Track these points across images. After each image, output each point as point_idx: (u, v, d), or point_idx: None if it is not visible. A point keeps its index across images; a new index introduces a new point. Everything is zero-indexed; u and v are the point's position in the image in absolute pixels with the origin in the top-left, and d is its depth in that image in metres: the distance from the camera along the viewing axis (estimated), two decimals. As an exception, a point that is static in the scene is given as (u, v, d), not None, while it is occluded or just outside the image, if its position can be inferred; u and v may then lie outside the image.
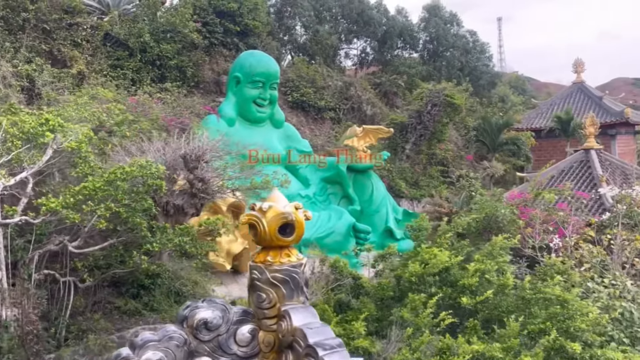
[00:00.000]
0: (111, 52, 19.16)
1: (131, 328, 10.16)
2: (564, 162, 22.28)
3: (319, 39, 29.03)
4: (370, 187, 19.35)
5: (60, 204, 9.13)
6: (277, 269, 3.01)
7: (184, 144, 11.06)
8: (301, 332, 2.83)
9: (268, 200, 3.12)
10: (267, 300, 3.00)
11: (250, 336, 2.99)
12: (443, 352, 7.43)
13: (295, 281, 3.02)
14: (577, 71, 33.86)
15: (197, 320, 2.91)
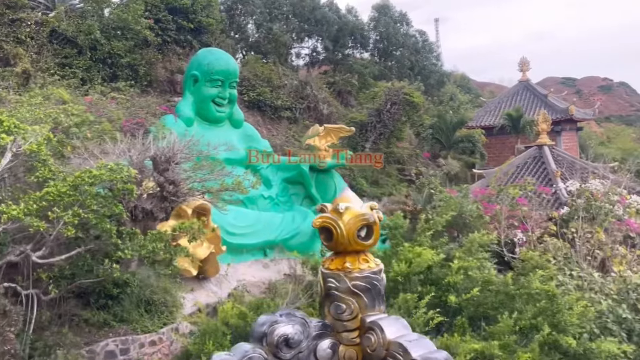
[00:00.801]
0: (58, 49, 18.16)
1: (101, 341, 9.57)
2: (519, 159, 22.79)
3: (272, 37, 28.60)
4: (333, 186, 19.13)
5: (22, 211, 8.45)
6: (358, 276, 2.71)
7: (153, 146, 10.49)
8: (399, 345, 2.54)
9: (340, 201, 2.82)
10: (347, 311, 2.69)
11: (331, 352, 2.68)
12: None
13: (377, 289, 2.74)
14: (522, 70, 34.86)
15: (277, 337, 2.56)
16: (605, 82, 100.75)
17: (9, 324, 7.61)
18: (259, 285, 15.63)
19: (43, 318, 9.10)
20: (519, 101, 33.58)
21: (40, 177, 9.61)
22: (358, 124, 21.45)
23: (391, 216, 17.84)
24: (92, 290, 10.16)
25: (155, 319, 10.42)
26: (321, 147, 18.99)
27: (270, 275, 16.05)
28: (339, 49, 33.55)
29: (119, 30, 18.77)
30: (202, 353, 8.32)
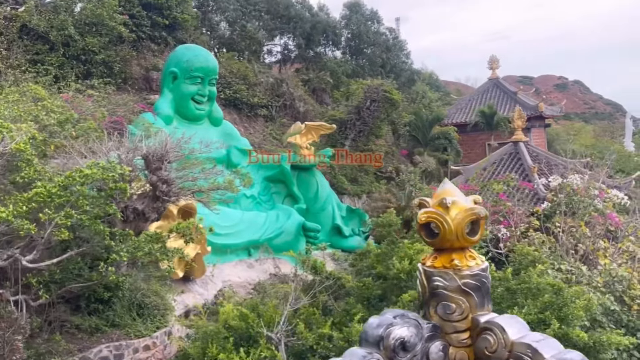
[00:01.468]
0: (29, 45, 17.48)
1: (94, 347, 9.23)
2: (495, 155, 23.08)
3: (245, 34, 28.24)
4: (315, 184, 19.01)
5: (11, 213, 8.04)
6: (469, 274, 2.57)
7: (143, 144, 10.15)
8: (527, 346, 2.39)
9: (442, 194, 2.67)
10: (457, 311, 2.55)
11: (442, 354, 2.53)
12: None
13: (485, 287, 2.59)
14: (492, 68, 35.36)
15: (393, 340, 2.39)
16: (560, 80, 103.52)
17: (17, 332, 7.21)
18: (244, 285, 15.38)
19: (34, 325, 8.68)
20: (489, 98, 34.04)
21: (25, 178, 9.18)
22: (337, 122, 21.37)
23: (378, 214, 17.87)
24: (82, 295, 9.78)
25: (148, 323, 10.10)
26: (303, 145, 18.85)
27: (256, 275, 15.82)
28: (311, 46, 33.37)
29: (93, 26, 18.20)
30: (206, 356, 8.06)
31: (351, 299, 9.25)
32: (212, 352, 8.11)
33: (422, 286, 2.74)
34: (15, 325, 7.30)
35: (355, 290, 9.38)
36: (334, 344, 8.11)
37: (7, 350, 7.07)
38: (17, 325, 7.34)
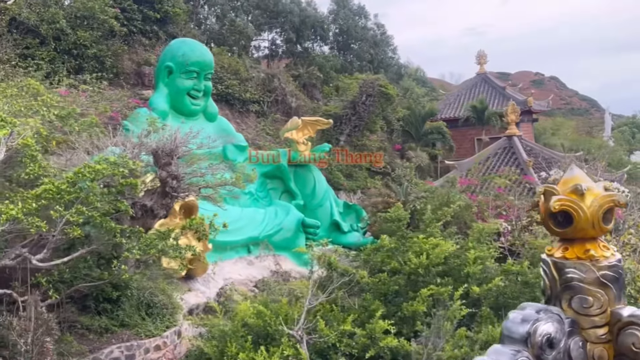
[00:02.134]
0: (18, 39, 17.00)
1: (105, 348, 8.96)
2: (489, 150, 23.14)
3: (234, 28, 27.92)
4: (312, 180, 18.82)
5: (20, 210, 7.75)
6: (607, 265, 2.43)
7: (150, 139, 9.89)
8: None
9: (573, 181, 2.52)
10: (596, 304, 2.40)
11: (582, 351, 2.38)
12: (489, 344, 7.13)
13: (622, 279, 2.47)
14: (480, 63, 35.49)
15: (540, 337, 2.24)
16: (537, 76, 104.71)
17: (46, 333, 6.93)
18: (246, 283, 15.16)
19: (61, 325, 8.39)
20: (478, 93, 34.17)
21: (30, 174, 8.88)
22: (332, 117, 21.18)
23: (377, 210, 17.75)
24: (90, 295, 9.50)
25: (157, 322, 9.86)
26: (299, 140, 18.64)
27: (257, 273, 15.62)
28: (300, 41, 33.18)
29: (84, 20, 17.78)
30: (226, 356, 7.86)
31: (367, 295, 9.12)
32: (232, 350, 7.91)
33: (552, 279, 2.61)
34: (45, 326, 7.02)
35: (372, 286, 9.24)
36: (356, 341, 7.97)
37: (35, 352, 6.80)
38: (47, 327, 7.06)
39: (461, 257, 9.63)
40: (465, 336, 7.41)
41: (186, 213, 12.81)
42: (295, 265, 16.41)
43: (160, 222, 11.33)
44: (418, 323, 8.02)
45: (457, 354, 6.96)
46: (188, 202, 12.64)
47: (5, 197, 8.47)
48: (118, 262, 9.01)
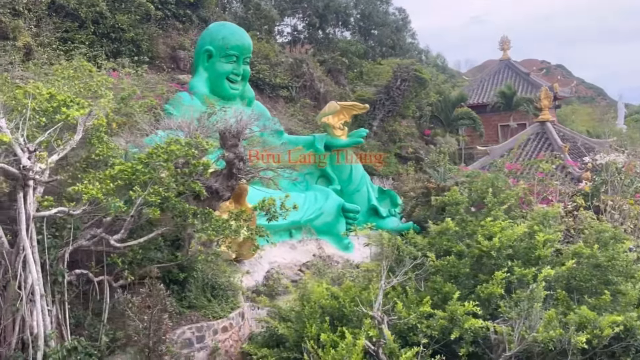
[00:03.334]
0: (58, 23, 16.93)
1: (177, 329, 8.95)
2: (520, 135, 22.99)
3: (260, 13, 27.72)
4: (349, 165, 18.75)
5: (99, 191, 7.73)
6: None
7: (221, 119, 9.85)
8: None
9: None
10: None
11: None
12: (584, 326, 7.11)
13: None
14: (503, 48, 35.20)
15: None
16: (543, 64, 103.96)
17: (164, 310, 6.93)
18: (290, 267, 15.17)
19: (122, 307, 8.41)
20: (502, 79, 33.93)
21: (100, 155, 8.87)
22: (365, 102, 21.05)
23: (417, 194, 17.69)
24: (157, 276, 9.49)
25: (223, 304, 9.88)
26: (336, 125, 18.55)
27: (300, 257, 15.62)
28: (323, 26, 32.93)
29: (122, 3, 17.66)
30: (306, 337, 7.86)
31: (438, 277, 9.08)
32: (311, 332, 7.91)
33: None
34: (162, 303, 7.03)
35: (441, 268, 9.21)
36: (436, 323, 7.95)
37: (152, 328, 6.81)
38: (163, 304, 7.06)
39: (526, 240, 9.58)
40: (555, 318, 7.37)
41: (235, 197, 12.82)
42: (337, 250, 16.42)
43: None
44: (501, 305, 7.97)
45: (552, 335, 6.93)
46: (240, 186, 12.64)
47: (77, 179, 8.45)
48: (188, 244, 9.00)
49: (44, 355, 7.22)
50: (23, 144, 7.28)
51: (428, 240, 10.09)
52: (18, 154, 7.33)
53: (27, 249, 7.16)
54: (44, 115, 8.08)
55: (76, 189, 7.57)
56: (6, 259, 7.56)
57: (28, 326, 7.51)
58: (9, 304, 7.50)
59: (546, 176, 16.25)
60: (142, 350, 7.25)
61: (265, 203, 9.37)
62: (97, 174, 8.39)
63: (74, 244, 8.12)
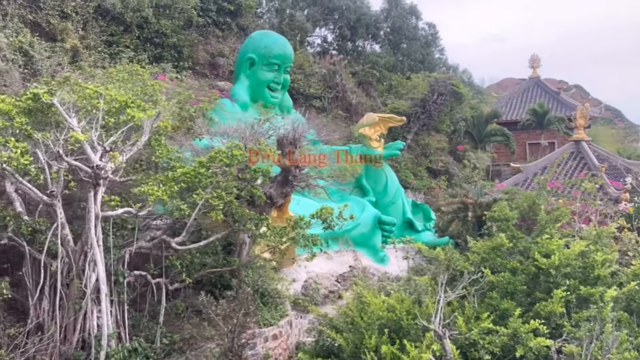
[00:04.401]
0: (104, 26, 17.14)
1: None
2: (555, 153, 22.76)
3: (294, 23, 27.88)
4: (384, 177, 18.67)
5: (164, 192, 7.75)
6: None
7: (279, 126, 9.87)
8: None
9: None
10: None
11: None
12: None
13: None
14: (533, 67, 35.03)
15: None
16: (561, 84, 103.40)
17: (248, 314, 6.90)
18: (327, 277, 15.07)
19: (179, 309, 8.40)
20: (531, 97, 33.74)
21: (160, 158, 8.90)
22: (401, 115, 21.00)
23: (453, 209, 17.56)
24: (209, 281, 9.48)
25: (272, 311, 9.83)
26: (372, 137, 18.51)
27: (337, 267, 15.54)
28: (354, 38, 33.04)
29: (167, 9, 17.85)
30: (365, 348, 7.77)
31: (494, 293, 8.96)
32: (370, 344, 7.83)
33: None
34: (247, 308, 7.01)
35: (497, 284, 9.09)
36: (497, 340, 7.83)
37: (237, 332, 6.78)
38: (247, 309, 7.04)
39: (581, 259, 9.43)
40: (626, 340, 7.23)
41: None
42: (372, 262, 16.30)
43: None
44: (565, 324, 7.84)
45: (627, 357, 6.79)
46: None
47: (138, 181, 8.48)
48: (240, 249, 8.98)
49: (106, 355, 7.21)
50: (96, 143, 7.32)
51: (481, 256, 9.96)
52: (88, 153, 7.38)
53: (95, 248, 7.18)
54: (111, 116, 8.13)
55: (143, 190, 7.59)
56: (71, 257, 7.59)
57: (89, 325, 7.52)
58: (72, 302, 7.51)
59: (587, 196, 16.05)
60: (224, 353, 7.20)
61: (323, 212, 9.32)
62: (158, 176, 8.42)
63: (132, 245, 8.13)
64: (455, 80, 22.92)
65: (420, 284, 9.54)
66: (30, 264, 7.71)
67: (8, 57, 13.43)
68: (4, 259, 8.34)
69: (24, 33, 14.54)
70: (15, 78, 12.91)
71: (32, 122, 7.71)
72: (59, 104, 7.61)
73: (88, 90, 7.94)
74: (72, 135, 7.15)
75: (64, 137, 7.35)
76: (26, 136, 7.35)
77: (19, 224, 7.53)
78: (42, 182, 7.39)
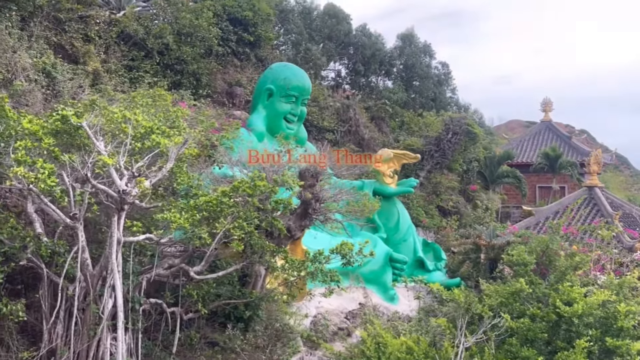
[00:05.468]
0: (125, 51, 17.32)
1: (242, 369, 8.72)
2: (567, 198, 22.69)
3: (309, 57, 28.19)
4: (396, 214, 18.54)
5: (187, 221, 7.66)
6: None
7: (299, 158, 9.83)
8: None
9: None
10: None
11: None
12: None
13: None
14: (545, 110, 35.19)
15: None
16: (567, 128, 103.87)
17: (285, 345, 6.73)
18: (337, 313, 14.80)
19: (193, 340, 8.22)
20: (542, 141, 33.82)
21: (181, 186, 8.85)
22: (414, 152, 21.02)
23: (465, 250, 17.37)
24: (221, 312, 9.32)
25: (285, 347, 9.63)
26: (386, 173, 18.48)
27: (346, 304, 15.29)
28: (368, 74, 33.37)
29: (189, 37, 18.06)
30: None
31: (514, 340, 8.77)
32: (389, 386, 7.62)
33: None
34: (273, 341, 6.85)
35: (518, 331, 8.90)
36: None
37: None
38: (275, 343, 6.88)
39: (601, 309, 9.24)
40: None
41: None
42: (382, 300, 16.05)
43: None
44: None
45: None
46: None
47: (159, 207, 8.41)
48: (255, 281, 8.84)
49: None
50: (123, 168, 7.28)
51: (500, 301, 9.77)
52: (114, 177, 7.33)
53: (115, 273, 7.07)
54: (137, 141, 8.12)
55: (165, 216, 7.51)
56: (89, 282, 7.47)
57: (102, 352, 7.36)
58: (86, 328, 7.37)
59: (602, 243, 15.89)
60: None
61: (343, 247, 9.20)
62: (179, 202, 8.35)
63: (151, 272, 8.02)
64: (469, 120, 23.00)
65: (435, 326, 9.34)
66: (47, 286, 7.60)
67: (31, 78, 13.52)
68: (19, 280, 8.22)
69: (47, 54, 14.68)
70: (38, 98, 12.98)
71: (58, 144, 7.68)
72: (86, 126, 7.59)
73: (116, 115, 7.94)
74: (100, 159, 7.12)
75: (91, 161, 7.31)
76: (53, 158, 7.31)
77: (39, 245, 7.44)
78: (65, 204, 7.32)
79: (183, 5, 18.58)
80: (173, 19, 17.86)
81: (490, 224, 17.92)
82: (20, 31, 14.21)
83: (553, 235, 14.49)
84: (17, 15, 14.58)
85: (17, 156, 6.98)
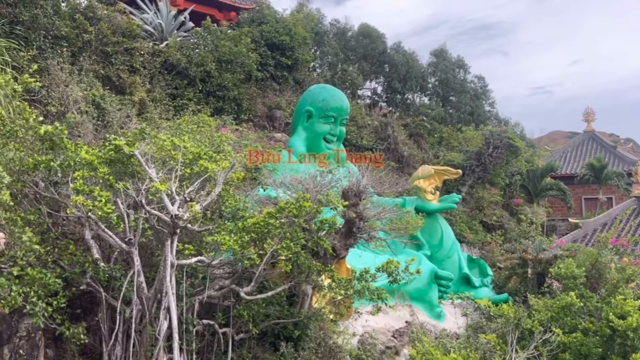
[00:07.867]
0: (169, 80, 17.93)
1: (292, 390, 8.82)
2: (615, 210, 22.14)
3: (346, 77, 28.50)
4: (440, 230, 18.46)
5: (236, 242, 7.88)
6: None
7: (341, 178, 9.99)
8: None
9: None
10: None
11: None
12: None
13: None
14: (587, 120, 34.52)
15: None
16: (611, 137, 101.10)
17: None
18: (384, 332, 14.81)
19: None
20: (586, 151, 33.12)
21: (230, 208, 9.10)
22: (455, 167, 20.94)
23: (512, 265, 17.15)
24: (272, 332, 9.47)
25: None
26: (427, 189, 18.45)
27: (393, 322, 15.27)
28: (404, 91, 33.46)
29: (229, 64, 18.57)
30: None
31: (567, 355, 8.64)
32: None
33: None
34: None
35: (571, 346, 8.76)
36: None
37: None
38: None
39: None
40: None
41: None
42: (428, 318, 15.95)
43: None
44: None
45: None
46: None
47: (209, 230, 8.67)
48: (302, 300, 8.97)
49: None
50: (174, 193, 7.58)
51: (550, 315, 9.64)
52: (166, 202, 7.62)
53: (170, 296, 7.32)
54: (186, 167, 8.43)
55: (215, 239, 7.76)
56: (144, 304, 7.74)
57: (158, 374, 7.58)
58: (143, 349, 7.62)
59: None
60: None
61: (389, 265, 9.27)
62: (227, 225, 8.60)
63: (203, 294, 8.25)
64: (510, 133, 22.78)
65: (485, 342, 9.27)
66: (105, 309, 7.91)
67: (82, 110, 14.16)
68: (78, 305, 8.57)
69: (96, 87, 15.35)
70: (89, 129, 13.57)
71: (112, 172, 8.05)
72: (139, 155, 7.94)
73: (166, 143, 8.27)
74: (152, 185, 7.43)
75: (144, 187, 7.63)
76: (108, 186, 7.67)
77: (97, 270, 7.77)
78: (121, 230, 7.65)
79: (222, 33, 19.15)
80: (213, 47, 18.39)
81: (537, 238, 17.66)
82: (71, 66, 14.91)
83: (602, 248, 14.20)
84: (67, 51, 15.29)
85: (75, 185, 7.35)
